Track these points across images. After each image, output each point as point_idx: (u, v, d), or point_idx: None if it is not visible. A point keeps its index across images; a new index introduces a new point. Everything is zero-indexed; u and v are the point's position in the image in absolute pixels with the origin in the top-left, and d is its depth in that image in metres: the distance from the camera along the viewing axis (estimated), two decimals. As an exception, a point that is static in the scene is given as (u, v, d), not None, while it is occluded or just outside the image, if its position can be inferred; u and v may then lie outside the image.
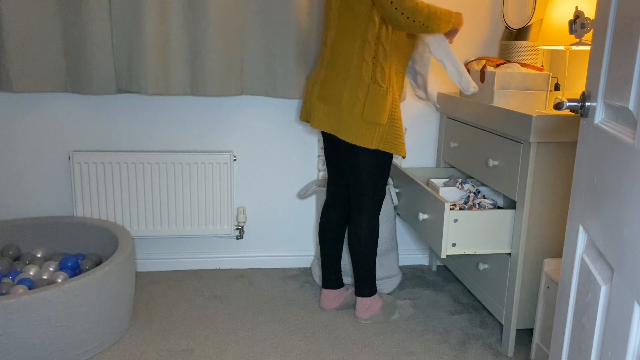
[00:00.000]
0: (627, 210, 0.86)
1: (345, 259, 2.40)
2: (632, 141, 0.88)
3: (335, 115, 1.94)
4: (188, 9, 2.24)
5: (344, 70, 1.92)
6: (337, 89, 1.93)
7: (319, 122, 1.99)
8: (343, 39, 1.92)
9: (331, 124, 1.96)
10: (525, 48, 2.35)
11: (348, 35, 1.91)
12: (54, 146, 2.43)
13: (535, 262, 1.91)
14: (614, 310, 0.90)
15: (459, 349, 2.02)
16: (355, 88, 1.91)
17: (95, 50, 2.21)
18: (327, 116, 1.97)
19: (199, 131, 2.50)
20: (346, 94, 1.91)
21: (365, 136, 1.92)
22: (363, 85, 1.90)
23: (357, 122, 1.91)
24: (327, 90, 1.96)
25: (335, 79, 1.94)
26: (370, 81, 1.90)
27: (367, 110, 1.90)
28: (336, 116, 1.94)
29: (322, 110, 1.98)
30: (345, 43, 1.92)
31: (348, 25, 1.91)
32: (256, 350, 1.97)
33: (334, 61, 1.95)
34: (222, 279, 2.55)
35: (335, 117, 1.95)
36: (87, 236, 2.34)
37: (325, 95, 1.97)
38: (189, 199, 2.47)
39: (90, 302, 1.83)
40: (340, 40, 1.93)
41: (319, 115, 1.99)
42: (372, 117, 1.90)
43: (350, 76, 1.91)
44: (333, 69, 1.95)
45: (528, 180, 1.82)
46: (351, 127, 1.92)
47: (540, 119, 1.75)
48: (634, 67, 0.88)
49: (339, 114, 1.93)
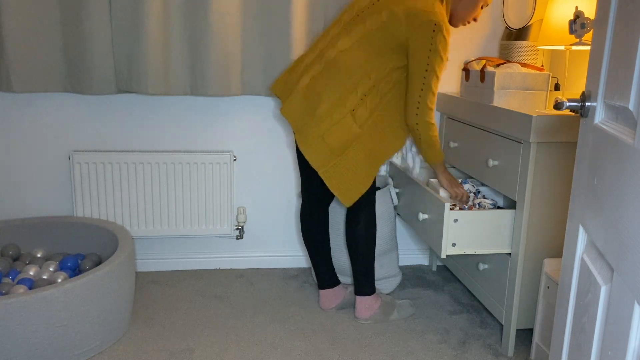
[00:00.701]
0: (627, 210, 0.86)
1: (343, 258, 2.40)
2: (632, 141, 0.88)
3: (305, 117, 1.92)
4: (188, 9, 2.24)
5: (338, 83, 1.89)
6: (322, 93, 1.90)
7: (289, 111, 1.96)
8: (355, 58, 1.89)
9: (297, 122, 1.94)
10: (525, 48, 2.35)
11: (361, 59, 1.88)
12: (54, 146, 2.43)
13: (535, 262, 1.91)
14: (614, 310, 0.90)
15: (459, 349, 2.02)
16: (335, 106, 1.89)
17: (95, 50, 2.21)
18: (298, 112, 1.94)
19: (199, 131, 2.50)
20: (325, 106, 1.89)
21: (316, 154, 1.92)
22: (343, 109, 1.89)
23: (317, 137, 1.91)
24: (313, 88, 1.93)
25: (327, 85, 1.91)
26: (349, 112, 1.89)
27: (330, 132, 1.89)
28: (305, 118, 1.92)
29: (297, 103, 1.94)
30: (355, 63, 1.89)
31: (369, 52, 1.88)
32: (256, 350, 1.97)
33: (335, 67, 1.91)
34: (222, 279, 2.55)
35: (303, 118, 1.93)
36: (87, 236, 2.34)
37: (308, 91, 1.93)
38: (189, 199, 2.47)
39: (90, 302, 1.83)
40: (352, 56, 1.89)
41: (293, 105, 1.95)
42: (330, 141, 1.89)
43: (339, 93, 1.89)
44: (330, 73, 1.91)
45: (528, 180, 1.82)
46: (310, 138, 1.91)
47: (540, 119, 1.75)
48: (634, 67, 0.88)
49: (309, 118, 1.91)
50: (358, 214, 2.09)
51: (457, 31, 2.55)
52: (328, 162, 1.93)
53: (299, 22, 2.29)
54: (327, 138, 1.90)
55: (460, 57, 2.58)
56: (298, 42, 2.31)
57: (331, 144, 1.90)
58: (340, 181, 1.95)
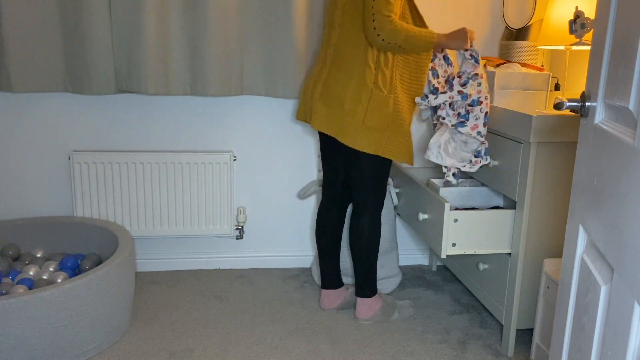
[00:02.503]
0: (627, 210, 0.86)
1: (345, 259, 2.40)
2: (632, 141, 0.88)
3: (337, 118, 1.93)
4: (188, 9, 2.24)
5: (347, 73, 1.91)
6: (340, 91, 1.92)
7: (319, 123, 1.97)
8: (347, 41, 1.92)
9: (332, 127, 1.95)
10: (525, 48, 2.35)
11: (353, 37, 1.91)
12: (54, 146, 2.43)
13: (535, 262, 1.91)
14: (614, 310, 0.90)
15: (459, 349, 2.02)
16: (358, 92, 1.90)
17: (95, 50, 2.21)
18: (328, 118, 1.95)
19: (199, 131, 2.50)
20: (349, 97, 1.91)
21: (366, 141, 1.92)
22: (366, 89, 1.89)
23: (358, 126, 1.91)
24: (329, 92, 1.95)
25: (339, 81, 1.93)
26: (373, 86, 1.89)
27: (368, 115, 1.90)
28: (338, 119, 1.93)
29: (323, 112, 1.96)
30: (349, 45, 1.91)
31: (353, 27, 1.90)
32: (256, 350, 1.97)
33: (337, 62, 1.94)
34: (222, 279, 2.55)
35: (336, 120, 1.94)
36: (87, 236, 2.34)
37: (327, 97, 1.95)
38: (189, 199, 2.47)
39: (90, 302, 1.83)
40: (345, 42, 1.92)
41: (319, 116, 1.97)
42: (373, 123, 1.90)
43: (353, 79, 1.90)
44: (337, 70, 1.94)
45: (528, 180, 1.82)
46: (352, 131, 1.92)
47: (540, 119, 1.75)
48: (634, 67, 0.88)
49: (341, 117, 1.92)
50: (363, 216, 2.09)
51: (457, 31, 2.55)
52: (381, 142, 1.94)
53: (299, 21, 2.29)
54: (368, 122, 1.91)
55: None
56: (298, 42, 2.31)
57: (375, 125, 1.91)
58: (401, 150, 1.97)
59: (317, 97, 1.98)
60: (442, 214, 1.91)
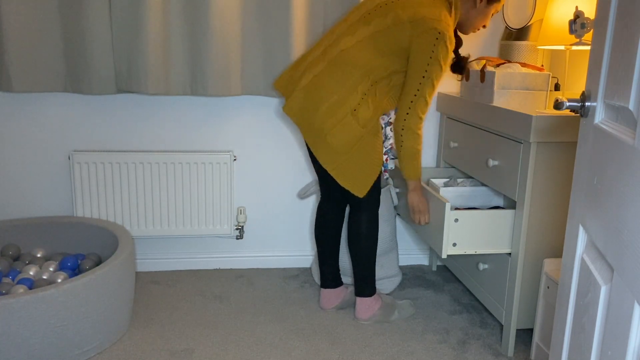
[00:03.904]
0: (627, 210, 0.86)
1: (345, 258, 2.40)
2: (632, 141, 0.88)
3: (308, 116, 1.91)
4: (188, 9, 2.24)
5: (338, 84, 1.87)
6: (322, 94, 1.88)
7: (291, 107, 1.94)
8: (356, 58, 1.87)
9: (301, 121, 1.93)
10: (525, 48, 2.35)
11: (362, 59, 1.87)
12: (54, 146, 2.43)
13: (535, 262, 1.91)
14: (614, 310, 0.90)
15: (459, 349, 2.02)
16: (336, 107, 1.87)
17: (95, 50, 2.21)
18: (301, 110, 1.92)
19: (199, 131, 2.50)
20: (326, 106, 1.87)
21: (323, 153, 1.91)
22: (343, 109, 1.87)
23: (321, 136, 1.90)
24: (314, 89, 1.90)
25: (327, 86, 1.89)
26: (351, 112, 1.87)
27: (333, 132, 1.88)
28: (308, 117, 1.91)
29: (299, 102, 1.93)
30: (354, 63, 1.87)
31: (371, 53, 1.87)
32: (256, 350, 1.97)
33: (336, 67, 1.89)
34: (222, 279, 2.55)
35: (307, 117, 1.92)
36: (87, 236, 2.34)
37: (309, 92, 1.91)
38: (189, 199, 2.47)
39: (90, 302, 1.83)
40: (353, 56, 1.88)
41: (295, 104, 1.93)
42: (333, 141, 1.88)
43: (337, 94, 1.87)
44: (331, 74, 1.89)
45: (528, 180, 1.82)
46: (315, 136, 1.91)
47: (540, 119, 1.75)
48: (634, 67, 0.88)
49: (312, 117, 1.90)
50: (360, 215, 2.09)
51: (457, 31, 2.55)
52: (336, 161, 1.92)
53: (299, 21, 2.29)
54: (330, 139, 1.88)
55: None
56: (298, 42, 2.31)
57: (335, 145, 1.89)
58: (349, 176, 1.94)
59: (301, 86, 1.93)
60: (443, 213, 1.91)
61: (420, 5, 1.84)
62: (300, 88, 1.94)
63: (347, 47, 1.90)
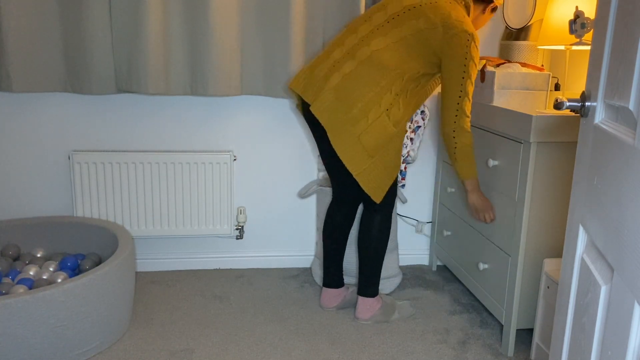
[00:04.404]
0: (627, 210, 0.86)
1: (348, 258, 2.40)
2: (632, 141, 0.88)
3: (339, 119, 1.87)
4: (188, 9, 2.24)
5: (370, 86, 1.86)
6: (355, 96, 1.86)
7: (319, 109, 1.89)
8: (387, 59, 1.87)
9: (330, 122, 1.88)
10: (525, 48, 2.35)
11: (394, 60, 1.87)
12: (54, 146, 2.43)
13: (535, 262, 1.91)
14: (614, 310, 0.90)
15: (459, 349, 2.02)
16: (369, 107, 1.86)
17: (95, 50, 2.21)
18: (331, 112, 1.88)
19: (199, 131, 2.50)
20: (359, 107, 1.86)
21: (351, 156, 1.89)
22: (378, 109, 1.86)
23: (353, 138, 1.87)
24: (345, 90, 1.87)
25: (359, 87, 1.87)
26: (385, 112, 1.87)
27: (366, 133, 1.87)
28: (339, 119, 1.87)
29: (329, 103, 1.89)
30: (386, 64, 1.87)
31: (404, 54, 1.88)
32: (256, 350, 1.97)
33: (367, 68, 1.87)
34: (222, 279, 2.55)
35: (337, 119, 1.88)
36: (87, 236, 2.34)
37: (341, 93, 1.88)
38: (189, 199, 2.47)
39: (90, 302, 1.83)
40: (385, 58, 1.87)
41: (324, 105, 1.89)
42: (367, 143, 1.87)
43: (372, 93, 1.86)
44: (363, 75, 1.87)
45: (528, 180, 1.82)
46: (345, 139, 1.88)
47: (540, 118, 1.75)
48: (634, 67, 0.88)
49: (343, 119, 1.87)
50: (374, 216, 2.08)
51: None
52: (363, 164, 1.91)
53: (299, 21, 2.29)
54: (364, 138, 1.87)
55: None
56: (298, 42, 2.31)
57: (367, 145, 1.88)
58: (372, 179, 1.94)
59: (330, 86, 1.89)
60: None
61: (448, 8, 1.88)
62: (329, 88, 1.89)
63: (379, 48, 1.89)
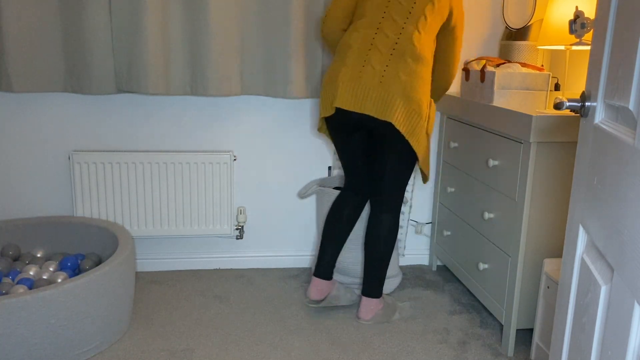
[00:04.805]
0: (627, 210, 0.86)
1: (353, 259, 2.38)
2: (632, 141, 0.88)
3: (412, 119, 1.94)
4: (188, 9, 2.24)
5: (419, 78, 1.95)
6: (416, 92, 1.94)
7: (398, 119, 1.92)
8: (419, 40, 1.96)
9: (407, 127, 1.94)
10: (525, 48, 2.35)
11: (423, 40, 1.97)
12: (54, 146, 2.43)
13: (535, 262, 1.91)
14: (614, 310, 0.90)
15: (459, 349, 2.02)
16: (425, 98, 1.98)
17: (95, 50, 2.21)
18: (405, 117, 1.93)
19: (199, 131, 2.50)
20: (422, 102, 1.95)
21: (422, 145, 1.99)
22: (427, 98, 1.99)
23: (423, 130, 1.97)
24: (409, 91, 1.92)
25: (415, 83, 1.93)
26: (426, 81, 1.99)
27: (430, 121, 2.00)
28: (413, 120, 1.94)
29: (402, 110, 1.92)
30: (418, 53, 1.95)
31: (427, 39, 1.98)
32: (256, 350, 1.97)
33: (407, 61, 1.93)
34: (222, 279, 2.55)
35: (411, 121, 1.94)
36: (87, 236, 2.34)
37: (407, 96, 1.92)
38: (189, 199, 2.47)
39: (90, 302, 1.83)
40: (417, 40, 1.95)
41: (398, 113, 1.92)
42: (430, 130, 2.00)
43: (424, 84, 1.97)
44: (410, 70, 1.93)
45: (528, 180, 1.82)
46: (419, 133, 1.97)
47: (540, 118, 1.75)
48: (634, 67, 0.88)
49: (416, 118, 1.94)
50: (382, 217, 2.08)
51: (457, 31, 2.55)
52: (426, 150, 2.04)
53: (299, 21, 2.29)
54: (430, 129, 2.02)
55: (460, 57, 2.58)
56: (298, 42, 2.31)
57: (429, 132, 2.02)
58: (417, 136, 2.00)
59: (394, 91, 1.91)
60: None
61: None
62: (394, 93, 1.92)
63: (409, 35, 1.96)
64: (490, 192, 2.07)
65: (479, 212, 2.16)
